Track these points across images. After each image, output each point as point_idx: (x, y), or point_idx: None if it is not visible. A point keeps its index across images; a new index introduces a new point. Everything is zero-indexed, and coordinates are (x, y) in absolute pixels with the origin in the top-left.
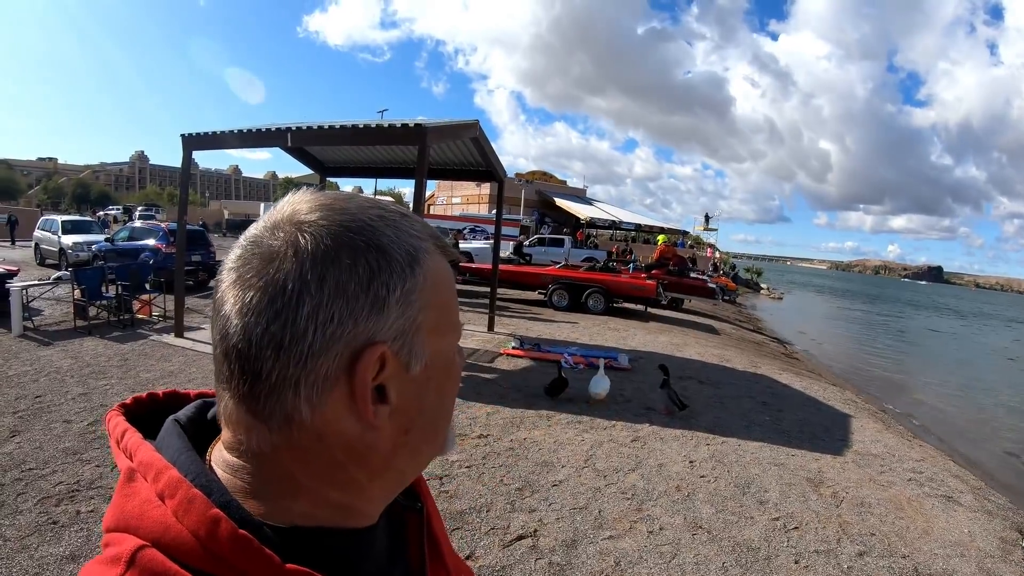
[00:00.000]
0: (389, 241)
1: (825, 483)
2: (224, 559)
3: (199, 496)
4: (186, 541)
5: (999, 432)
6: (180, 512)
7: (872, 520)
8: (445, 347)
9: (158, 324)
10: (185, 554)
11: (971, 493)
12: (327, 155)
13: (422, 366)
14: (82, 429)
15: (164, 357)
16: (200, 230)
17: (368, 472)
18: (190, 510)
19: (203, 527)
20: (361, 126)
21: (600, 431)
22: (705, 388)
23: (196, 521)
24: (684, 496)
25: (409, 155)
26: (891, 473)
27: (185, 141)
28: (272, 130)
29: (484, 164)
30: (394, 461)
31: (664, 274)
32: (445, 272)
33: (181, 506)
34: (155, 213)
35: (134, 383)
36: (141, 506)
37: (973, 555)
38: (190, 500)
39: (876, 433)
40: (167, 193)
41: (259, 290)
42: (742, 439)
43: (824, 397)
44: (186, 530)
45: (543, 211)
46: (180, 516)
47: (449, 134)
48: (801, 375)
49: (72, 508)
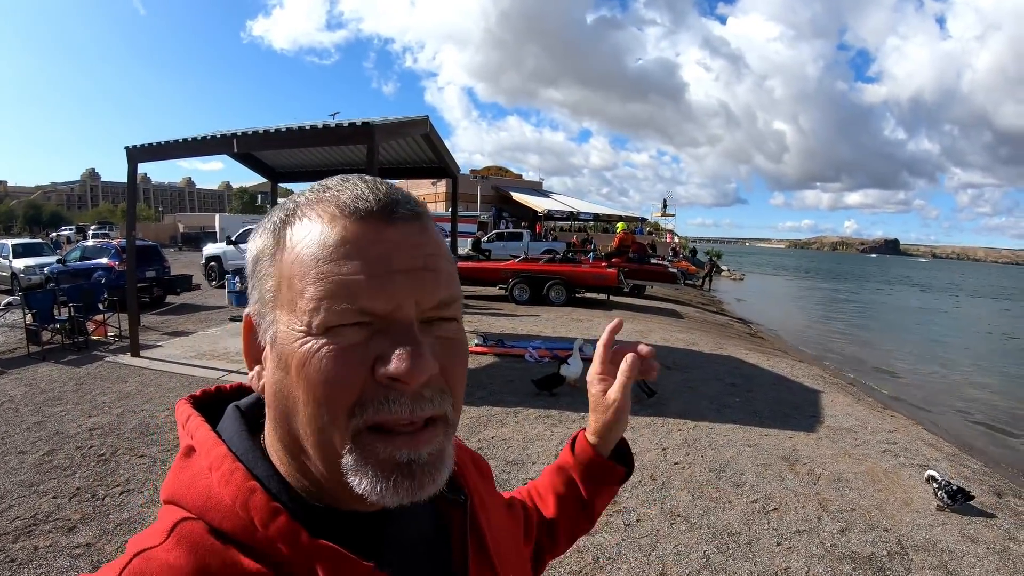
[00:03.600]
0: (281, 207)
1: (800, 461)
2: (256, 529)
3: (240, 469)
4: (224, 509)
5: (965, 400)
6: (222, 483)
7: (851, 495)
8: (290, 329)
9: (114, 344)
10: (221, 521)
11: (946, 460)
12: (277, 160)
13: (268, 341)
14: (38, 459)
15: (120, 378)
16: (153, 245)
17: (290, 439)
18: (231, 481)
19: (240, 497)
20: (308, 128)
21: (570, 424)
22: (673, 373)
23: (234, 491)
24: (659, 485)
25: (361, 156)
26: (865, 446)
27: (130, 153)
28: (218, 137)
29: (437, 161)
30: (287, 436)
31: (625, 261)
32: (320, 241)
33: (224, 477)
34: (109, 231)
35: (90, 407)
36: (192, 477)
37: (955, 522)
38: (231, 472)
39: (847, 407)
40: (120, 210)
41: None
42: (714, 422)
43: (792, 375)
44: (226, 499)
45: (500, 206)
46: (222, 486)
47: (398, 131)
48: (768, 354)
49: (30, 544)
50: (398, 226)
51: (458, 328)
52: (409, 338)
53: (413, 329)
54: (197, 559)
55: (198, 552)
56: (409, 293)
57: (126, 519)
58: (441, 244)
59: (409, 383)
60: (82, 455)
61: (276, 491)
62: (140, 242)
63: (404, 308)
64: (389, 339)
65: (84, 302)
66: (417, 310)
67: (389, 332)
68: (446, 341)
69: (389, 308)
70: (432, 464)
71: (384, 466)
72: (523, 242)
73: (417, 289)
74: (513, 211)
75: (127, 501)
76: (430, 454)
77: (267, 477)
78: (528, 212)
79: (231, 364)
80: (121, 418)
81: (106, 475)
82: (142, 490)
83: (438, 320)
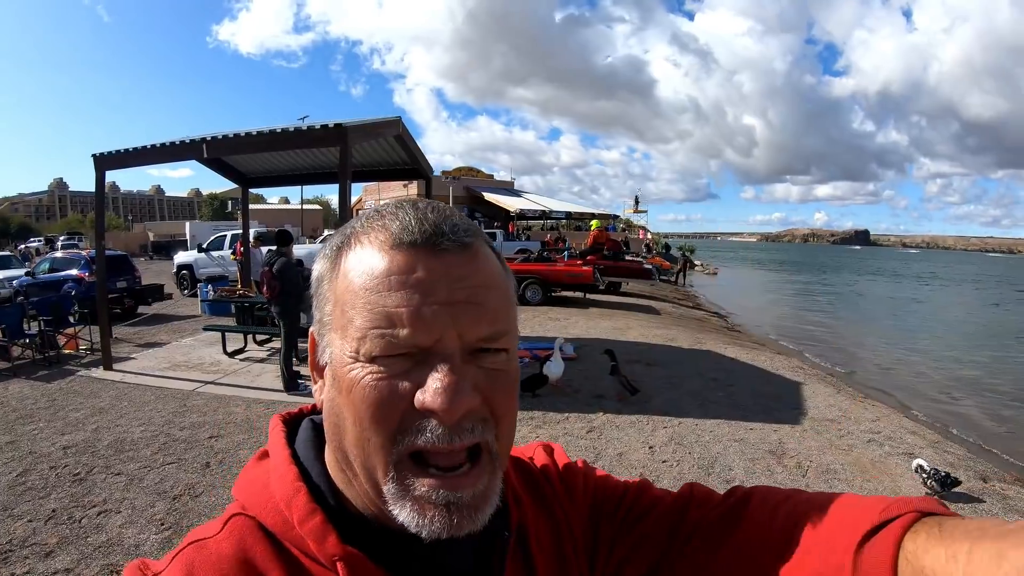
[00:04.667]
0: (340, 232)
1: (788, 454)
2: (295, 528)
3: (294, 471)
4: (272, 507)
5: (943, 387)
6: (276, 482)
7: (840, 486)
8: (342, 353)
9: (86, 358)
10: (266, 517)
11: (930, 448)
12: (248, 165)
13: (326, 361)
14: (11, 481)
15: (94, 393)
16: (123, 255)
17: (342, 454)
18: (283, 481)
19: (286, 497)
20: (279, 131)
21: (554, 425)
22: (654, 370)
23: (284, 490)
24: None
25: (333, 158)
26: (850, 436)
27: (97, 161)
28: (187, 142)
29: (410, 162)
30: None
31: (599, 259)
32: (368, 271)
33: (279, 478)
34: (78, 242)
35: (63, 424)
36: (255, 477)
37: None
38: (286, 473)
39: (828, 397)
40: (89, 220)
41: None
42: (698, 418)
43: (772, 367)
44: (276, 497)
45: (472, 207)
46: (276, 486)
47: (371, 132)
48: (746, 347)
49: (6, 571)
50: (443, 257)
51: (507, 359)
52: (447, 370)
53: (453, 361)
54: (242, 551)
55: (243, 545)
56: (451, 326)
57: (105, 541)
58: (494, 275)
59: (444, 416)
60: (57, 475)
61: (326, 496)
62: (110, 252)
63: (445, 341)
64: (429, 370)
65: (54, 315)
66: (461, 342)
67: (430, 363)
68: (493, 373)
69: (430, 341)
70: (473, 506)
71: (421, 502)
72: (496, 242)
73: (460, 322)
74: (485, 211)
75: (105, 522)
76: (473, 496)
77: (320, 482)
78: (500, 212)
79: (206, 375)
80: (96, 434)
81: (82, 495)
82: (119, 510)
83: (486, 351)
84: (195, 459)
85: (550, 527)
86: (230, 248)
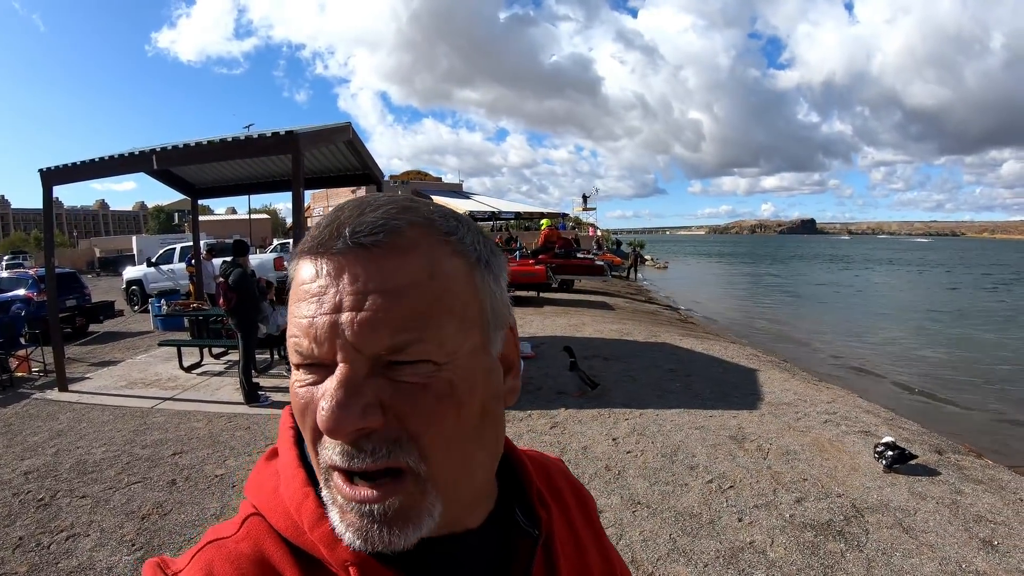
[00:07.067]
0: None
1: (748, 439)
2: (304, 532)
3: (301, 475)
4: (282, 510)
5: (893, 366)
6: (285, 485)
7: (801, 466)
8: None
9: (39, 380)
10: (278, 520)
11: (885, 424)
12: (197, 176)
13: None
14: None
15: (51, 415)
16: (71, 272)
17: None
18: (291, 484)
19: (295, 502)
20: (231, 140)
21: (517, 423)
22: (612, 364)
23: (292, 494)
24: (615, 475)
25: (282, 167)
26: (807, 418)
27: (44, 176)
28: (136, 154)
29: (361, 167)
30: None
31: (551, 257)
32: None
33: (287, 481)
34: (23, 260)
35: (22, 450)
36: (265, 478)
37: (902, 482)
38: (293, 477)
39: (784, 383)
40: (33, 237)
41: None
42: (659, 408)
43: (727, 356)
44: (285, 501)
45: None
46: (284, 489)
47: (323, 139)
48: (701, 338)
49: None
50: (337, 261)
51: (432, 371)
52: (334, 387)
53: (346, 375)
54: (259, 551)
55: (260, 546)
56: (341, 336)
57: (76, 566)
58: (407, 275)
59: (331, 436)
60: (20, 501)
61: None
62: (58, 270)
63: (337, 352)
64: (324, 385)
65: (4, 337)
66: (360, 354)
67: (326, 377)
68: (408, 387)
69: (322, 353)
70: (386, 523)
71: (343, 511)
72: None
73: (352, 332)
74: None
75: (74, 546)
76: (385, 511)
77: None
78: None
79: (164, 391)
80: (56, 458)
81: (48, 520)
82: (88, 533)
83: (401, 364)
84: (160, 477)
85: (571, 536)
86: (181, 260)
